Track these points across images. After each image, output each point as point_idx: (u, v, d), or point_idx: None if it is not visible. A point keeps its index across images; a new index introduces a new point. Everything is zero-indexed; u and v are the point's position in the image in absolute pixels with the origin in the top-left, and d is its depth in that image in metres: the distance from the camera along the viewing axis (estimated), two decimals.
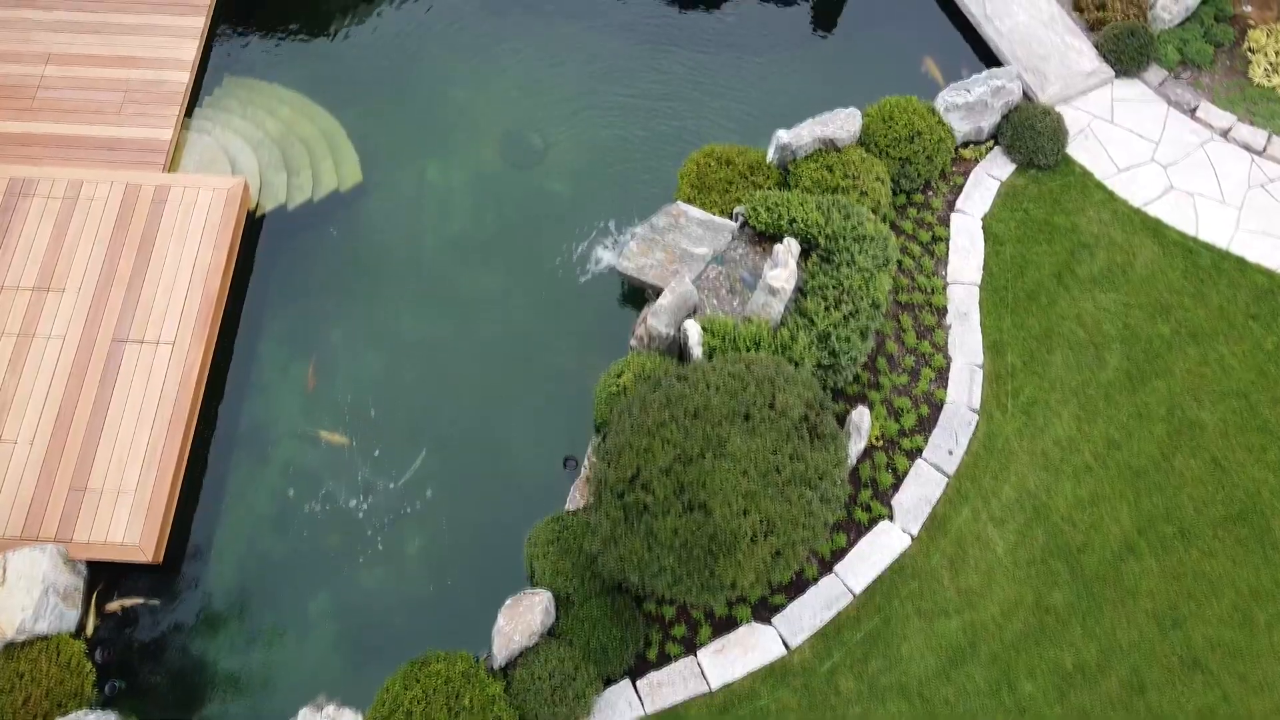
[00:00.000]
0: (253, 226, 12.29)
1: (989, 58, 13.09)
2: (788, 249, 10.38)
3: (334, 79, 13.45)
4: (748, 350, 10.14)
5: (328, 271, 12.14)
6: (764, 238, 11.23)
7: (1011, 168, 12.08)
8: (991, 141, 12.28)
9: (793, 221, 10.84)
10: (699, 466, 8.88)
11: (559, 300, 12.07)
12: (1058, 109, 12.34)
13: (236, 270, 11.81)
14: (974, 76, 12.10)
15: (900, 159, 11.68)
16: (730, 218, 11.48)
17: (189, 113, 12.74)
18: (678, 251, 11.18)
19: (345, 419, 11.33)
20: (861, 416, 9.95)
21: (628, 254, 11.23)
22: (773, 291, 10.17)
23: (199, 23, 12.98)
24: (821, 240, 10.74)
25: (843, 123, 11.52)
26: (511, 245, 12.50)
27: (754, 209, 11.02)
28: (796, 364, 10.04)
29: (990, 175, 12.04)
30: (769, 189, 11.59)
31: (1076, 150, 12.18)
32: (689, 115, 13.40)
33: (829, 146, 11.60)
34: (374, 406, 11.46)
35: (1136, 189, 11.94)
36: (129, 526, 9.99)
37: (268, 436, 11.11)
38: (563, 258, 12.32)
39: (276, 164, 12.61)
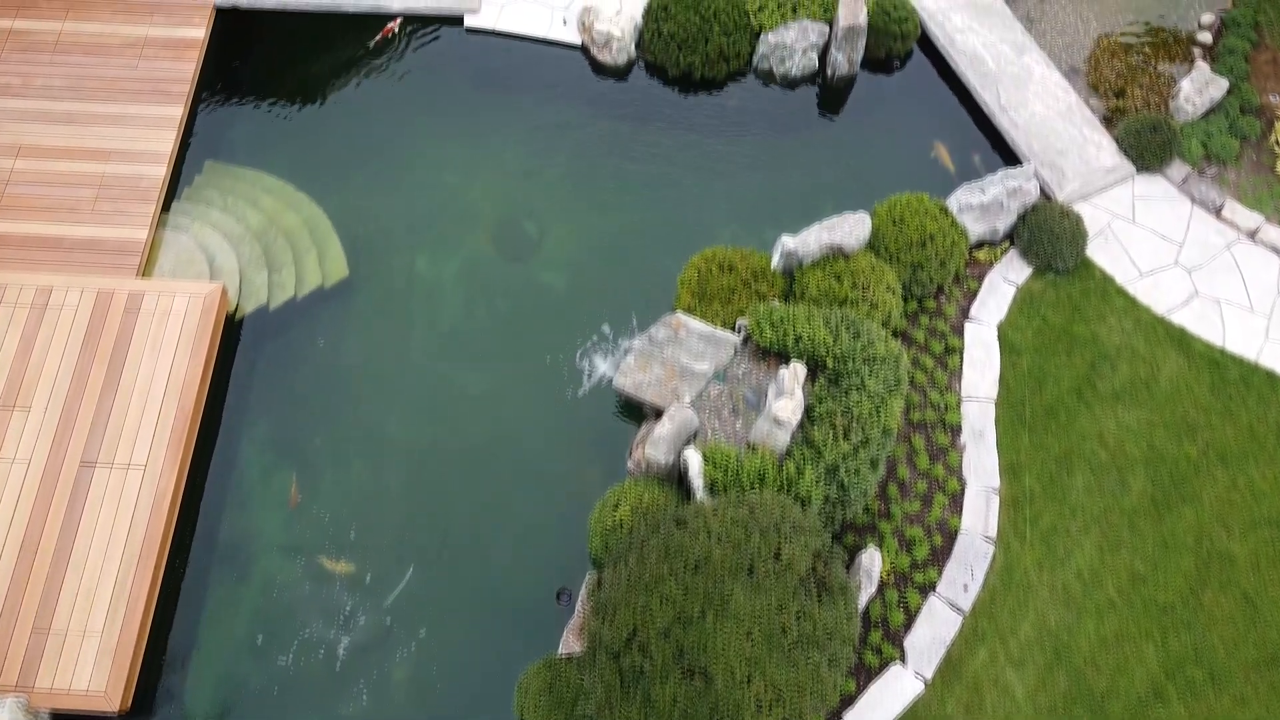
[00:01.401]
0: (232, 329, 11.72)
1: (1001, 143, 12.52)
2: (794, 375, 9.81)
3: (320, 163, 12.89)
4: (751, 485, 9.56)
5: (311, 374, 11.58)
6: (769, 353, 10.65)
7: (1028, 271, 11.51)
8: (1007, 243, 11.70)
9: (799, 339, 10.26)
10: (700, 628, 8.30)
11: (553, 405, 11.50)
12: (1076, 207, 11.77)
13: (214, 376, 11.25)
14: (989, 177, 11.53)
15: (912, 265, 11.10)
16: (733, 330, 10.90)
17: (166, 206, 12.18)
18: (677, 367, 10.60)
19: (329, 534, 10.77)
20: (872, 561, 9.36)
21: (625, 369, 10.65)
22: (778, 423, 9.59)
23: (177, 112, 12.41)
24: (830, 361, 10.16)
25: (851, 228, 10.95)
26: (504, 344, 11.94)
27: (758, 324, 10.44)
28: (804, 502, 9.46)
29: (1006, 280, 11.46)
30: (773, 298, 11.02)
31: (1096, 252, 11.60)
32: (689, 201, 12.83)
33: (837, 253, 11.02)
34: (359, 520, 10.90)
35: (1160, 295, 11.36)
36: (95, 672, 9.41)
37: (246, 558, 10.54)
38: (558, 360, 11.74)
39: (258, 261, 12.05)
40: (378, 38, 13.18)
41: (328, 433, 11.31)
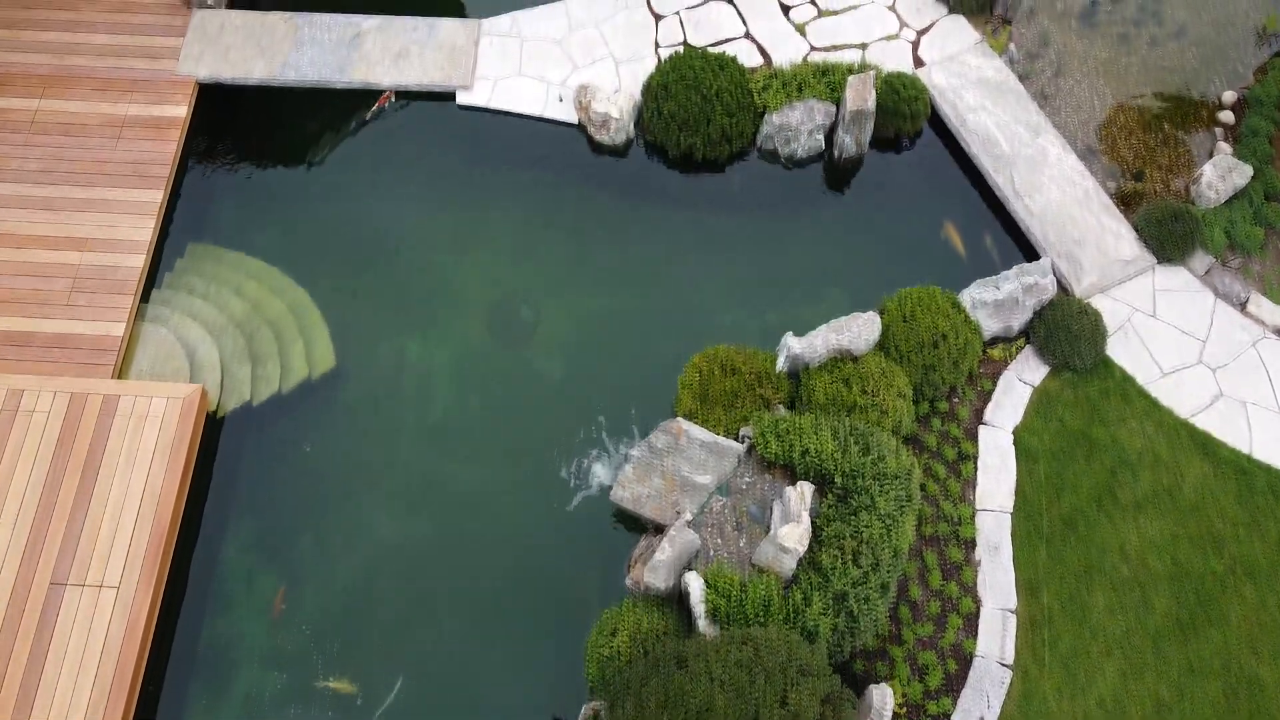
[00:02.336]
0: (213, 427, 11.22)
1: (1014, 224, 12.01)
2: (800, 497, 9.31)
3: (307, 243, 12.40)
4: (755, 615, 9.05)
5: (296, 472, 11.11)
6: (774, 463, 10.14)
7: (1045, 370, 11.00)
8: (1023, 339, 11.19)
9: (805, 453, 9.76)
10: None
11: (549, 508, 11.01)
12: (1095, 300, 11.27)
13: (194, 477, 10.75)
14: (1004, 273, 11.03)
15: (924, 366, 10.60)
16: (736, 438, 10.40)
17: (145, 296, 11.69)
18: (678, 479, 10.09)
19: (314, 644, 10.29)
20: (884, 700, 8.85)
21: (623, 480, 10.15)
22: (784, 550, 9.08)
23: (157, 197, 11.92)
24: (838, 478, 9.65)
25: (860, 330, 10.45)
26: (498, 439, 11.46)
27: (763, 435, 9.94)
28: (811, 635, 8.95)
29: (1021, 380, 10.95)
30: (778, 403, 10.51)
31: (1116, 349, 11.10)
32: (690, 282, 12.33)
33: (845, 355, 10.52)
34: (346, 627, 10.42)
35: (1183, 396, 10.85)
36: None
37: (226, 673, 10.05)
38: (554, 457, 11.25)
39: (241, 354, 11.55)
40: (374, 108, 12.70)
41: (313, 534, 10.84)
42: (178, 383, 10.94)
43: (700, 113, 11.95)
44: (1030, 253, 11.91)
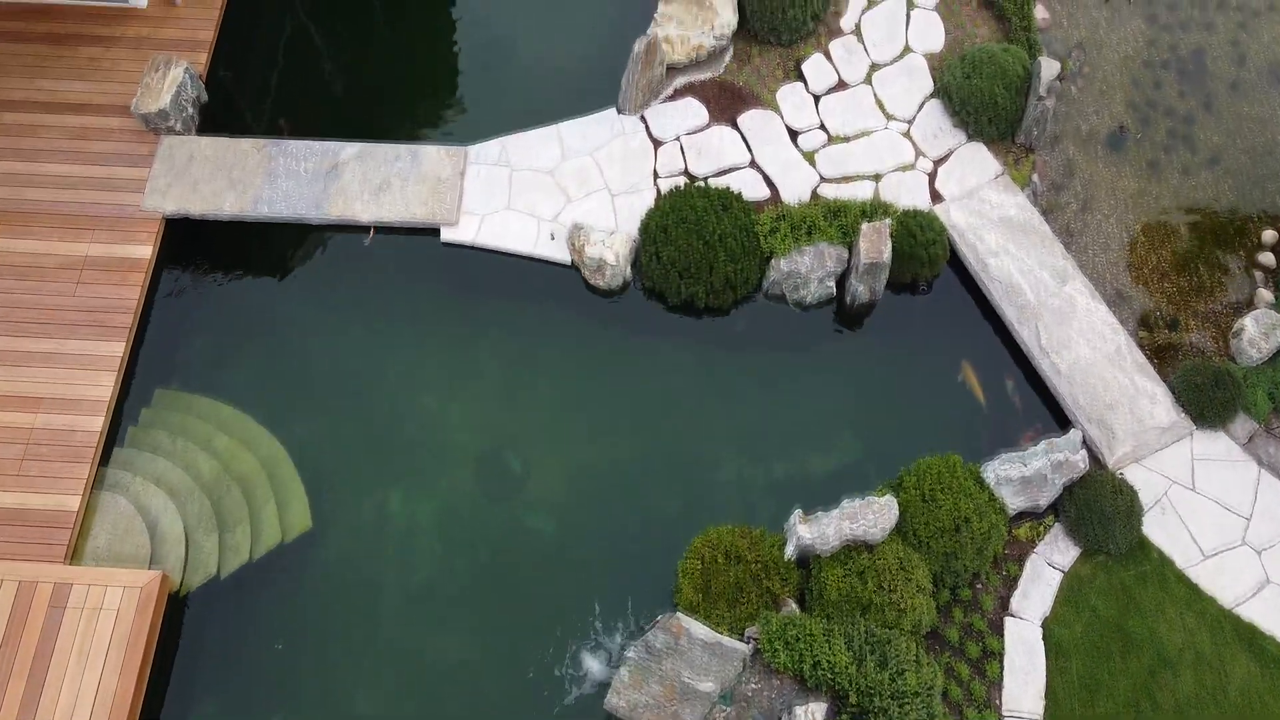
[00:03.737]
0: (176, 607, 10.38)
1: (1033, 373, 11.18)
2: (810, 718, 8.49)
3: (282, 387, 11.57)
4: None
5: (266, 654, 10.27)
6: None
7: (1076, 552, 10.16)
8: (1051, 516, 10.35)
9: (817, 665, 8.92)
10: None
11: (537, 688, 10.19)
12: (1129, 469, 10.44)
13: (156, 660, 9.92)
14: (1032, 449, 10.20)
15: (945, 553, 9.76)
16: (741, 637, 9.55)
17: (106, 457, 10.84)
18: (678, 685, 9.25)
19: None
20: None
21: (618, 686, 9.31)
22: None
23: (118, 350, 11.08)
24: (853, 695, 8.81)
25: (876, 518, 9.61)
26: (486, 610, 10.69)
27: (770, 642, 9.11)
28: None
29: (1050, 564, 10.11)
30: (787, 598, 9.67)
31: (1153, 527, 10.26)
32: (690, 430, 11.50)
33: (860, 544, 9.68)
34: None
35: (1226, 582, 10.01)
36: None
37: None
38: (544, 640, 10.43)
39: (208, 521, 10.71)
40: (369, 235, 11.92)
41: (287, 712, 10.03)
42: (136, 569, 10.08)
43: (702, 259, 11.12)
44: (1053, 402, 11.09)
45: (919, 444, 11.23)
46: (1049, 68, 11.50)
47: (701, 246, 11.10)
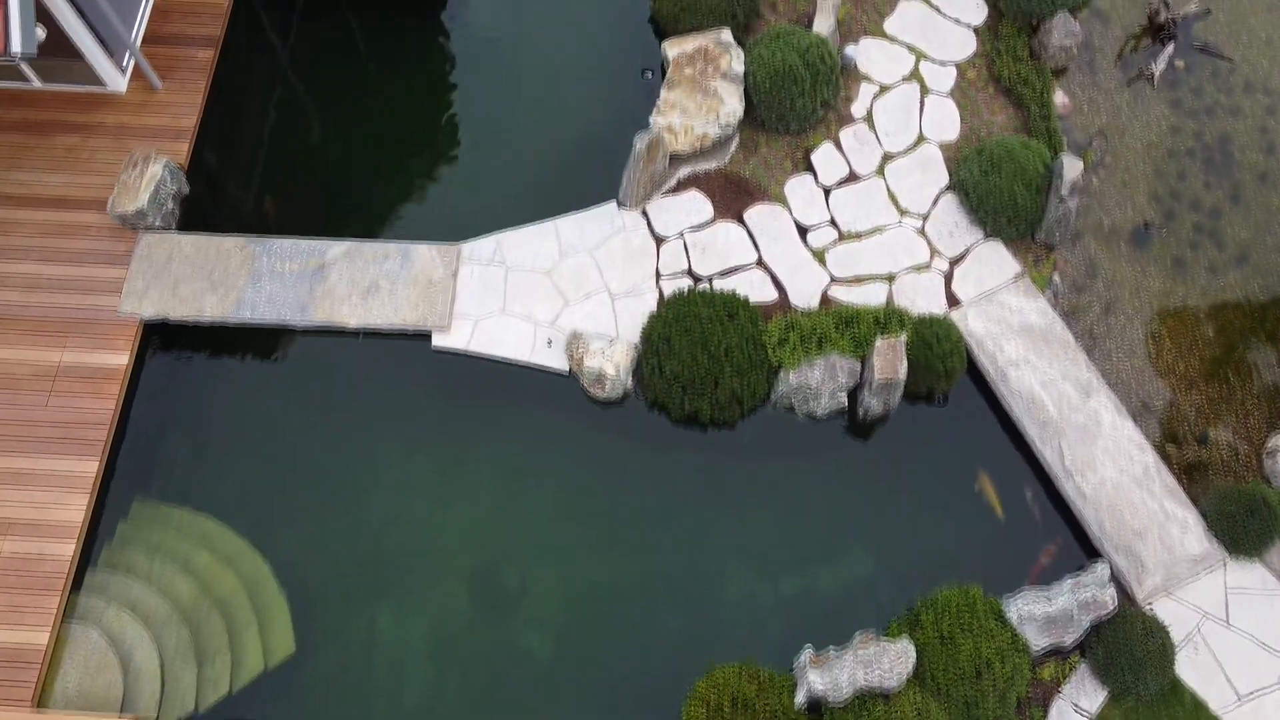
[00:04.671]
0: None
1: (1053, 484, 10.62)
2: None
3: (265, 497, 11.02)
4: None
5: None
6: None
7: (1103, 695, 9.59)
8: (1077, 655, 9.77)
9: None
10: None
11: None
12: (1159, 601, 9.88)
13: None
14: (1056, 585, 9.66)
15: (965, 700, 9.19)
16: None
17: (78, 582, 10.28)
18: None
19: None
20: None
21: None
22: None
23: (92, 468, 10.53)
24: None
25: (891, 665, 9.04)
26: None
27: None
28: None
29: (1077, 708, 9.54)
30: None
31: (1185, 666, 9.69)
32: (694, 541, 10.95)
33: (875, 692, 9.11)
34: None
35: None
36: None
37: None
38: None
39: (185, 652, 10.16)
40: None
41: None
42: (106, 716, 9.50)
43: (707, 374, 10.56)
44: (1074, 521, 10.53)
45: (935, 559, 10.72)
46: (1071, 167, 10.95)
47: (706, 360, 10.54)
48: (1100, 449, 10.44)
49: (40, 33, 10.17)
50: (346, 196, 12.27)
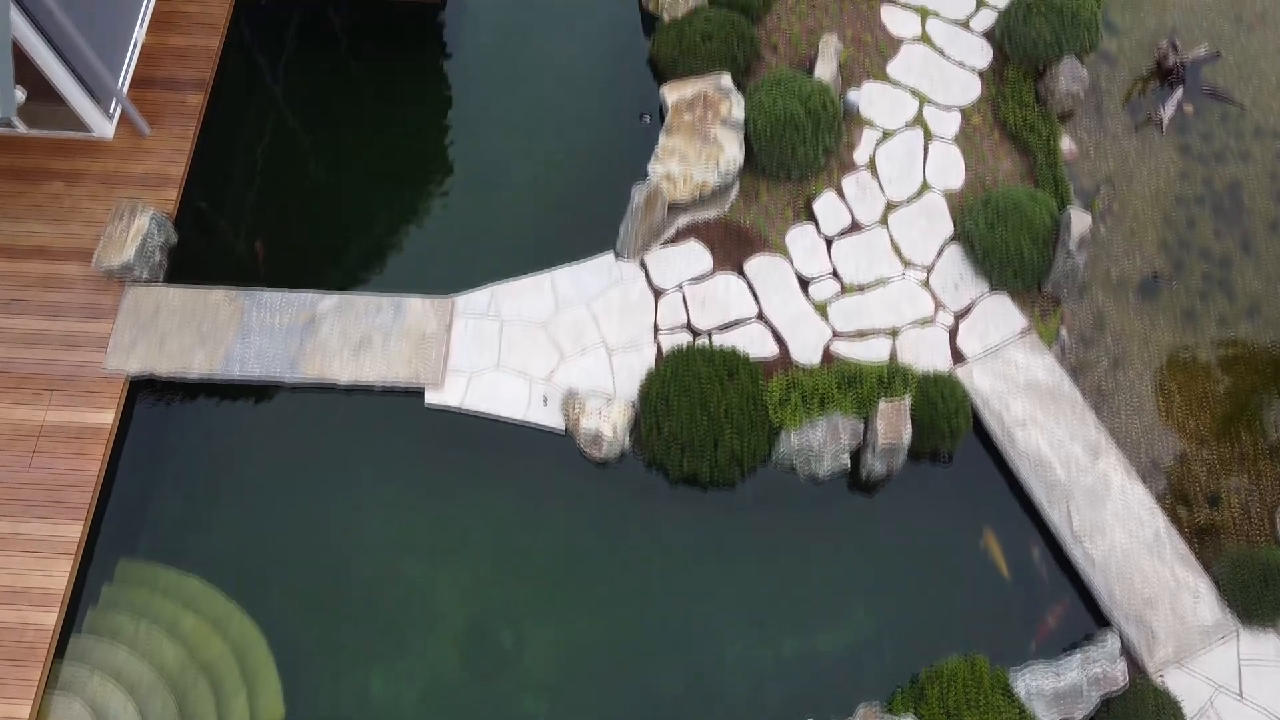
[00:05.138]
0: None
1: (1061, 552, 10.37)
2: None
3: (256, 556, 10.76)
4: None
5: None
6: None
7: None
8: None
9: None
10: None
11: None
12: (1170, 673, 9.62)
13: None
14: (1065, 659, 9.42)
15: None
16: None
17: (61, 649, 10.02)
18: None
19: None
20: None
21: None
22: None
23: (75, 532, 10.26)
24: None
25: None
26: None
27: None
28: None
29: None
30: None
31: None
32: (695, 602, 10.70)
33: None
34: None
35: None
36: None
37: None
38: None
39: None
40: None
41: None
42: None
43: (706, 435, 10.30)
44: (1081, 582, 10.28)
45: (940, 621, 10.49)
46: (1079, 221, 10.70)
47: (706, 421, 10.28)
48: (1109, 513, 10.19)
49: (20, 95, 9.90)
50: (338, 243, 12.01)
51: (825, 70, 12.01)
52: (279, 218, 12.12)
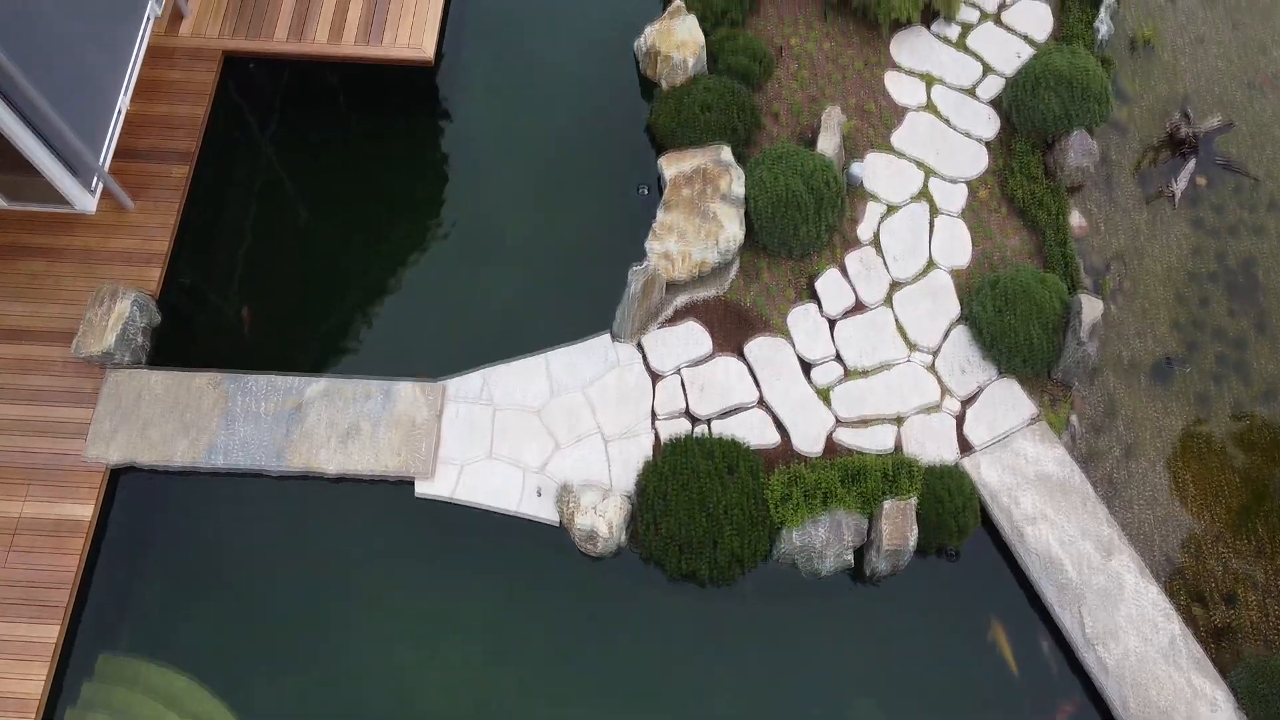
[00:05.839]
0: None
1: (1073, 655, 10.02)
2: None
3: (239, 648, 10.40)
4: None
5: None
6: None
7: None
8: None
9: None
10: None
11: None
12: None
13: None
14: None
15: None
16: None
17: None
18: None
19: None
20: None
21: None
22: None
23: (52, 634, 9.91)
24: None
25: None
26: None
27: None
28: None
29: None
30: None
31: None
32: (694, 695, 10.35)
33: None
34: None
35: None
36: None
37: None
38: None
39: None
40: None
41: None
42: None
43: (705, 534, 9.96)
44: (1093, 687, 9.94)
45: (945, 718, 10.15)
46: (1091, 309, 10.37)
47: (705, 520, 9.94)
48: (1123, 616, 9.84)
49: None
50: (327, 321, 11.65)
51: (828, 144, 11.68)
52: (265, 294, 11.77)
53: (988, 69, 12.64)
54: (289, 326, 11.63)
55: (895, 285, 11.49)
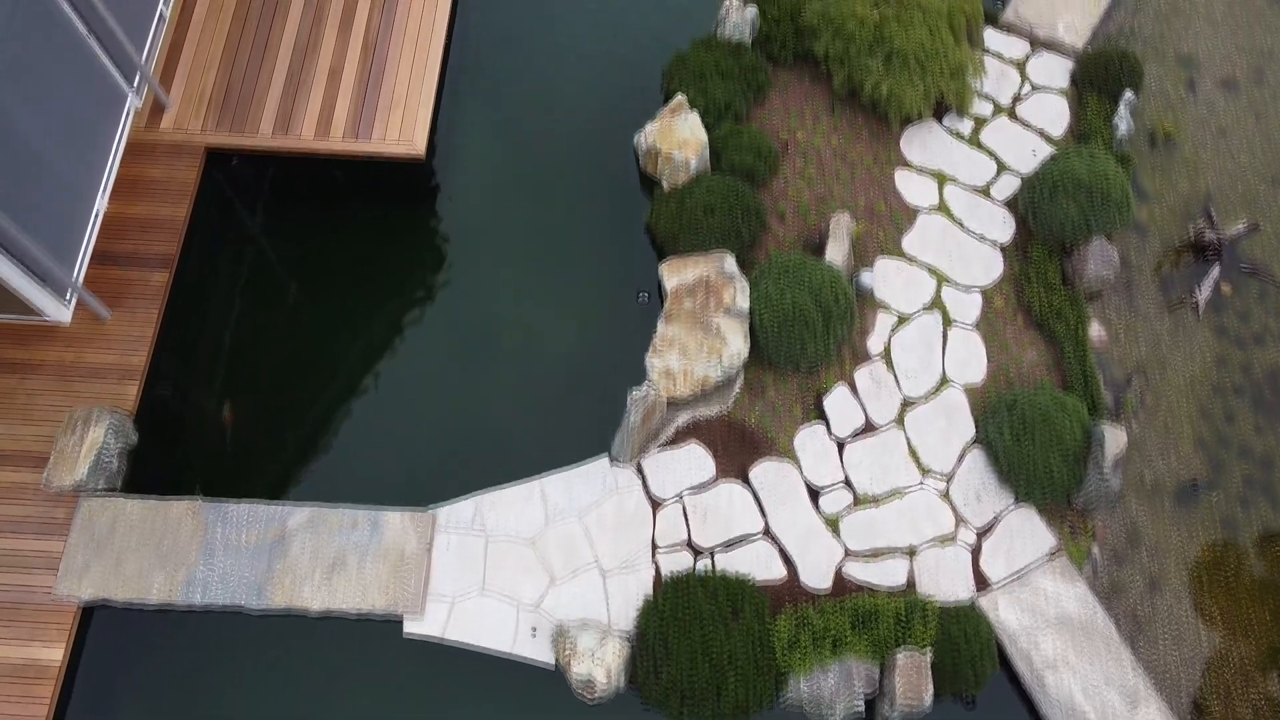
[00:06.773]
0: None
1: None
2: None
3: None
4: None
5: None
6: None
7: None
8: None
9: None
10: None
11: None
12: None
13: None
14: None
15: None
16: None
17: None
18: None
19: None
20: None
21: None
22: None
23: (40, 713, 9.40)
24: None
25: None
26: None
27: None
28: None
29: None
30: None
31: None
32: None
33: None
34: None
35: None
36: None
37: None
38: None
39: None
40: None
41: None
42: None
43: (709, 683, 9.43)
44: None
45: None
46: (1114, 440, 9.87)
47: (708, 668, 9.42)
48: None
49: None
50: (311, 444, 11.13)
51: (837, 252, 11.17)
52: (247, 412, 11.24)
53: (1002, 167, 12.14)
54: (272, 445, 11.10)
55: (907, 403, 10.98)
